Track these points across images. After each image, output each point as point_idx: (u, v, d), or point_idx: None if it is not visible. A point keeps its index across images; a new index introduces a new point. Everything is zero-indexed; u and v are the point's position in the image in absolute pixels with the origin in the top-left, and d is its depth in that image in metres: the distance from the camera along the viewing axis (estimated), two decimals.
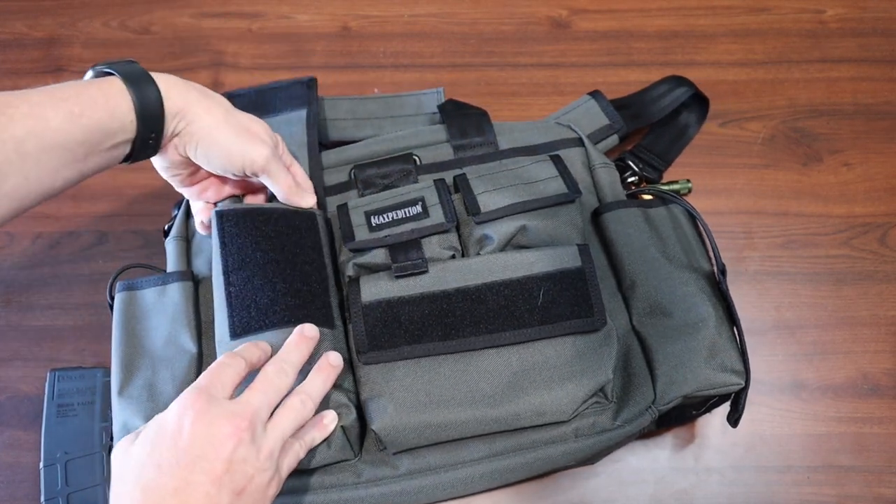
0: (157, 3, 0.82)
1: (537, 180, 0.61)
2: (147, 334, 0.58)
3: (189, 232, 0.63)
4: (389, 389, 0.53)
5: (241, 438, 0.44)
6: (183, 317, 0.58)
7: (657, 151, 0.72)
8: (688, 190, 0.71)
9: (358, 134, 0.69)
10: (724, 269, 0.58)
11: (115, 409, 0.56)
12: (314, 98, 0.67)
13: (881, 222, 0.72)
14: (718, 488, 0.63)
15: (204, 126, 0.53)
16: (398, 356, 0.54)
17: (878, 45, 0.79)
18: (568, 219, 0.59)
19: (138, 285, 0.60)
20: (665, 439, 0.64)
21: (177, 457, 0.43)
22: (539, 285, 0.55)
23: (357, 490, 0.54)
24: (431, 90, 0.73)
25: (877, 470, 0.63)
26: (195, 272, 0.61)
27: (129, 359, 0.57)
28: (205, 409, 0.45)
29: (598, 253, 0.62)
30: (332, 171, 0.65)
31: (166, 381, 0.56)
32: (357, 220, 0.59)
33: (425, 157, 0.65)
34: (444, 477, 0.55)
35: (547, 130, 0.67)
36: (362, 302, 0.55)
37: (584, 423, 0.55)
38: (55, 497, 0.59)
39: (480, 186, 0.60)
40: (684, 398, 0.55)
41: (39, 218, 0.72)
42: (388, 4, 0.82)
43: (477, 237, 0.58)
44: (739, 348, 0.56)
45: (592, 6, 0.82)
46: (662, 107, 0.71)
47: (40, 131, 0.46)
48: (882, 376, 0.66)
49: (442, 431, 0.53)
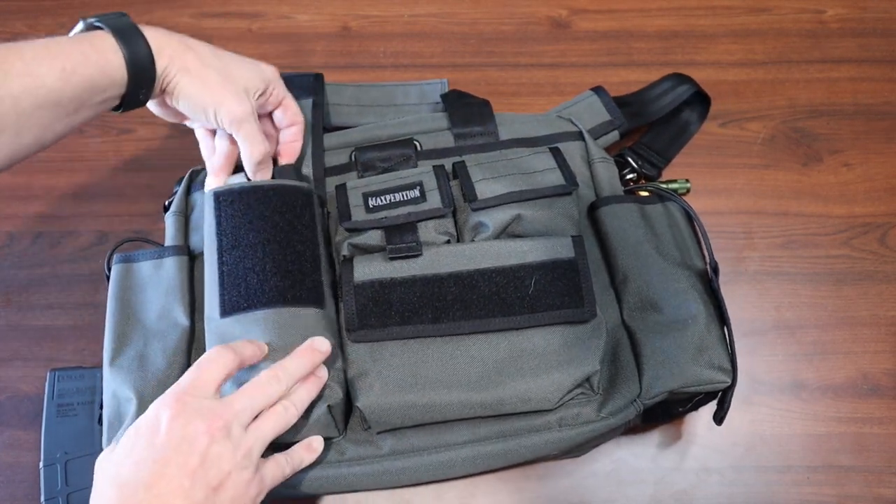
0: (157, 3, 0.82)
1: (535, 171, 0.61)
2: (141, 306, 0.58)
3: (188, 208, 0.64)
4: (376, 368, 0.54)
5: (214, 436, 0.45)
6: (177, 291, 0.58)
7: (657, 148, 0.72)
8: (686, 190, 0.71)
9: (360, 120, 0.70)
10: (716, 267, 0.58)
11: (105, 378, 0.56)
12: (321, 89, 0.67)
13: (881, 222, 0.72)
14: (718, 488, 0.62)
15: (183, 80, 0.53)
16: (387, 336, 0.55)
17: (878, 45, 0.79)
18: (564, 210, 0.60)
19: (135, 258, 0.60)
20: (665, 439, 0.64)
21: (152, 453, 0.44)
22: (531, 274, 0.56)
23: (340, 468, 0.54)
24: (435, 80, 0.73)
25: (877, 470, 0.63)
26: (192, 248, 0.61)
27: (122, 329, 0.57)
28: (181, 408, 0.45)
29: (592, 247, 0.63)
30: (333, 152, 0.65)
31: (157, 352, 0.56)
32: (354, 201, 0.60)
33: (426, 143, 0.65)
34: (427, 459, 0.55)
35: (548, 123, 0.67)
36: (354, 281, 0.56)
37: (569, 413, 0.55)
38: (55, 497, 0.59)
39: (479, 174, 0.60)
40: (670, 393, 0.56)
41: (40, 218, 0.72)
42: (388, 4, 0.82)
43: (472, 224, 0.58)
44: (728, 347, 0.56)
45: (592, 6, 0.82)
46: (664, 105, 0.71)
47: (34, 89, 0.47)
48: (882, 376, 0.66)
49: (427, 413, 0.54)
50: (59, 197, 0.73)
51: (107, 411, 0.55)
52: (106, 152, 0.75)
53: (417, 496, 0.62)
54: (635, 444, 0.64)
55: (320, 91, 0.67)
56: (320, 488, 0.55)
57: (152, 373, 0.55)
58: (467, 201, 0.59)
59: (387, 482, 0.56)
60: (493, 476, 0.62)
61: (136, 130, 0.76)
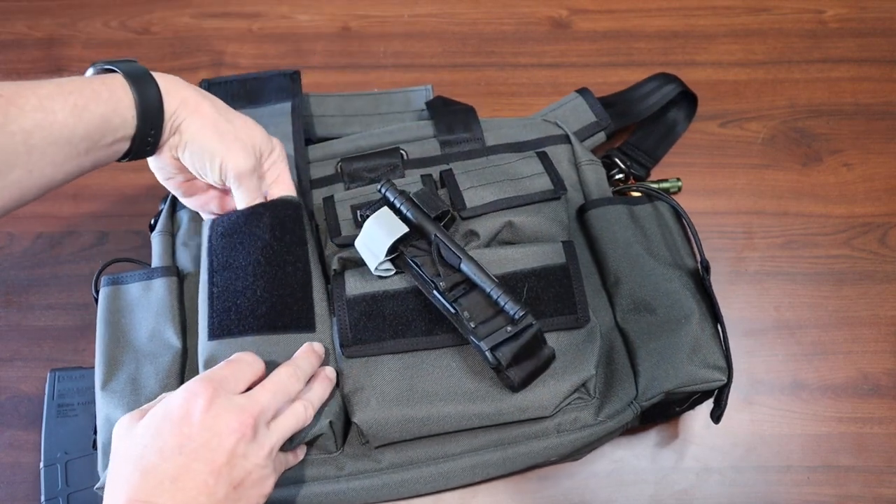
0: (157, 3, 0.82)
1: (523, 177, 0.61)
2: (131, 329, 0.58)
3: (175, 227, 0.63)
4: (372, 383, 0.54)
5: (244, 434, 0.45)
6: (168, 312, 0.58)
7: (645, 148, 0.72)
8: (677, 189, 0.71)
9: (345, 130, 0.70)
10: (707, 266, 0.58)
11: (98, 402, 0.56)
12: (298, 90, 0.67)
13: (881, 222, 0.72)
14: (718, 488, 0.63)
15: (193, 125, 0.53)
16: (382, 350, 0.54)
17: (878, 45, 0.79)
18: (553, 215, 0.59)
19: (123, 280, 0.60)
20: (665, 440, 0.64)
21: (180, 444, 0.44)
22: (523, 282, 0.55)
23: (339, 483, 0.54)
24: (420, 87, 0.73)
25: (877, 470, 0.63)
26: (180, 267, 0.61)
27: (112, 353, 0.57)
28: (213, 400, 0.45)
29: (582, 250, 0.62)
30: (319, 164, 0.65)
31: (150, 375, 0.56)
32: (343, 214, 0.59)
33: (412, 152, 0.65)
34: (427, 471, 0.55)
35: (534, 127, 0.67)
36: (346, 296, 0.55)
37: (567, 418, 0.55)
38: (55, 497, 0.59)
39: (466, 182, 0.60)
40: (666, 394, 0.55)
41: (40, 218, 0.72)
42: (388, 4, 0.82)
43: (463, 232, 0.58)
44: (722, 345, 0.56)
45: (592, 6, 0.82)
46: (650, 105, 0.71)
47: (48, 124, 0.47)
48: (882, 376, 0.66)
49: (424, 426, 0.53)
50: (59, 197, 0.73)
51: (101, 436, 0.55)
52: None
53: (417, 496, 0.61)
54: (636, 444, 0.64)
55: (298, 92, 0.67)
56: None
57: (145, 396, 0.55)
58: (456, 210, 0.58)
59: (386, 495, 0.55)
60: None
61: None
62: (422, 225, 0.54)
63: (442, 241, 0.53)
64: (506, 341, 0.50)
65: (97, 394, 0.56)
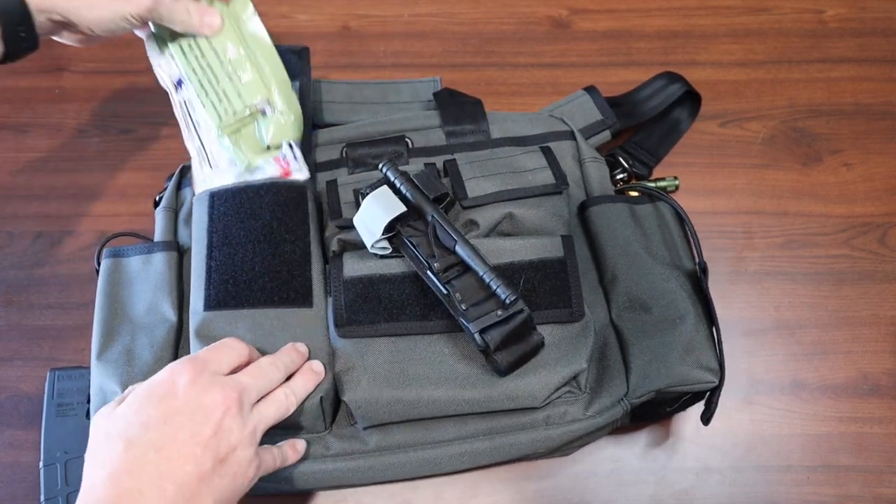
0: None
1: (526, 170, 0.61)
2: (129, 301, 0.59)
3: (178, 203, 0.64)
4: (364, 363, 0.54)
5: (229, 407, 0.45)
6: (165, 286, 0.59)
7: (647, 147, 0.72)
8: (675, 187, 0.71)
9: (353, 117, 0.70)
10: (705, 267, 0.59)
11: (92, 372, 0.56)
12: (306, 68, 0.67)
13: (881, 222, 0.72)
14: (718, 488, 0.62)
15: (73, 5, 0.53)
16: (376, 332, 0.55)
17: (878, 45, 0.79)
18: (554, 210, 0.59)
19: (124, 253, 0.60)
20: (665, 440, 0.64)
21: (165, 415, 0.44)
22: (520, 273, 0.56)
23: (325, 463, 0.55)
24: (428, 78, 0.73)
25: (877, 470, 0.63)
26: (181, 243, 0.62)
27: (109, 324, 0.57)
28: (198, 376, 0.46)
29: (581, 246, 0.63)
30: (324, 148, 0.65)
31: (144, 347, 0.56)
32: (345, 198, 0.60)
33: (417, 140, 0.65)
34: (413, 455, 0.55)
35: (539, 122, 0.67)
36: (344, 277, 0.56)
37: (556, 411, 0.55)
38: (55, 497, 0.59)
39: (469, 172, 0.60)
40: (657, 393, 0.56)
41: (39, 218, 0.72)
42: (388, 4, 0.82)
43: (463, 222, 0.58)
44: (716, 347, 0.56)
45: (592, 6, 0.82)
46: (655, 105, 0.71)
47: None
48: (882, 376, 0.66)
49: (414, 408, 0.54)
50: (59, 197, 0.73)
51: (94, 406, 0.56)
52: (106, 152, 0.75)
53: (417, 496, 0.62)
54: (636, 444, 0.64)
55: (306, 69, 0.67)
56: (305, 483, 0.55)
57: (139, 367, 0.55)
58: (458, 199, 0.59)
59: (372, 478, 0.56)
60: (494, 476, 0.62)
61: (137, 130, 0.76)
62: (420, 205, 0.55)
63: (438, 222, 0.54)
64: (495, 325, 0.51)
65: (92, 363, 0.56)
